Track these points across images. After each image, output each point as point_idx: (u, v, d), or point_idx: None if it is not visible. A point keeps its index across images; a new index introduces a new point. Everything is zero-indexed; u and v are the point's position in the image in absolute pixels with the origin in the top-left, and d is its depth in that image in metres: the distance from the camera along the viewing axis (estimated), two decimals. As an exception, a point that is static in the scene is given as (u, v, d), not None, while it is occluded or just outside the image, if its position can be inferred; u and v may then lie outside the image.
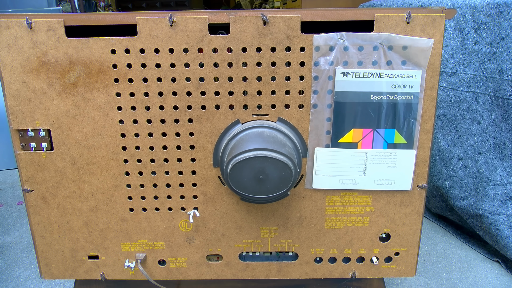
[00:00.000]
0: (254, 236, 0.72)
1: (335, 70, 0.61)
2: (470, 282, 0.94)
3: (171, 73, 0.62)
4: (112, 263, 0.74)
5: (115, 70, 0.62)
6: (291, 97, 0.63)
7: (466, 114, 1.01)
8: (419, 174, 0.67)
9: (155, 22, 0.60)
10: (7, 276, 0.96)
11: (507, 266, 0.98)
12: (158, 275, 0.75)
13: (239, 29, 0.60)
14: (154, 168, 0.67)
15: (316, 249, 0.73)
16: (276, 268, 0.74)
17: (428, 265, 1.00)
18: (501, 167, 0.97)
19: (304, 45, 0.60)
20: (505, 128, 0.94)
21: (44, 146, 0.66)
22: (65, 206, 0.69)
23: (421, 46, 0.60)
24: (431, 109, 0.64)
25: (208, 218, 0.71)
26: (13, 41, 0.60)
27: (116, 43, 0.61)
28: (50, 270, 0.74)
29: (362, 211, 0.70)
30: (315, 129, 0.65)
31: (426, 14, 0.59)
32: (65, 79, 0.62)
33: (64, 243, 0.72)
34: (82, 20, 0.60)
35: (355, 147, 0.65)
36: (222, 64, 0.61)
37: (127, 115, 0.64)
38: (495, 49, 0.92)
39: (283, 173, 0.59)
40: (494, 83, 0.93)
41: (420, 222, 0.71)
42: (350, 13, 0.60)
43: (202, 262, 0.74)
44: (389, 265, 0.74)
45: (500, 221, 0.96)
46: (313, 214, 0.70)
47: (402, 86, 0.62)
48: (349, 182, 0.68)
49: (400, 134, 0.64)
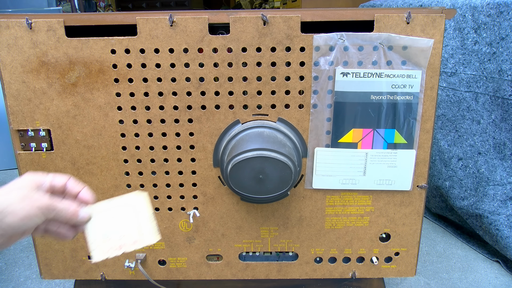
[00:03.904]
0: (254, 236, 0.72)
1: (335, 70, 0.61)
2: (470, 282, 0.94)
3: (171, 73, 0.62)
4: (112, 263, 0.74)
5: (115, 70, 0.62)
6: (291, 97, 0.63)
7: (466, 114, 1.01)
8: (419, 174, 0.67)
9: (155, 22, 0.60)
10: (7, 276, 0.96)
11: (507, 266, 0.98)
12: (158, 275, 0.75)
13: (239, 29, 0.60)
14: (154, 168, 0.67)
15: (316, 249, 0.73)
16: (276, 268, 0.74)
17: (428, 265, 1.00)
18: (501, 167, 0.97)
19: (304, 45, 0.60)
20: (505, 128, 0.94)
21: (44, 146, 0.66)
22: (65, 206, 0.69)
23: (421, 46, 0.60)
24: (431, 109, 0.64)
25: (208, 218, 0.71)
26: (13, 41, 0.60)
27: (116, 43, 0.61)
28: (50, 270, 0.74)
29: (362, 211, 0.70)
30: (315, 129, 0.65)
31: (426, 14, 0.59)
32: (65, 79, 0.62)
33: (64, 243, 0.72)
34: (82, 20, 0.60)
35: (355, 147, 0.65)
36: (222, 64, 0.61)
37: (127, 115, 0.64)
38: (495, 49, 0.92)
39: (283, 173, 0.59)
40: (494, 83, 0.93)
41: (420, 222, 0.71)
42: (350, 13, 0.60)
43: (202, 262, 0.74)
44: (389, 265, 0.74)
45: (500, 221, 0.96)
46: (313, 214, 0.70)
47: (402, 86, 0.62)
48: (349, 182, 0.68)
49: (400, 134, 0.64)
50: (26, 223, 0.40)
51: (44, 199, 0.41)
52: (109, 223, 0.46)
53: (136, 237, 0.47)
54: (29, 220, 0.40)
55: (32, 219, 0.40)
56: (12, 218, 0.39)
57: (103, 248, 0.45)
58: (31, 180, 0.43)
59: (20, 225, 0.39)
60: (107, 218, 0.47)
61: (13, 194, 0.40)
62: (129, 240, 0.46)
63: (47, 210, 0.41)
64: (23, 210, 0.39)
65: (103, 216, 0.46)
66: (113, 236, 0.46)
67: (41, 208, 0.41)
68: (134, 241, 0.46)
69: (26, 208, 0.40)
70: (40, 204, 0.41)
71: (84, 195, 0.46)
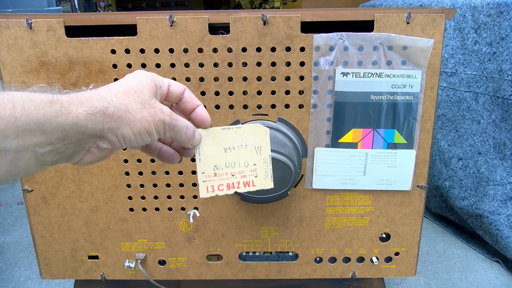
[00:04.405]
0: (254, 236, 0.72)
1: (335, 70, 0.61)
2: (470, 282, 0.93)
3: (171, 73, 0.62)
4: (112, 263, 0.74)
5: (115, 70, 0.62)
6: (291, 97, 0.63)
7: (466, 114, 1.01)
8: (419, 174, 0.67)
9: (155, 22, 0.60)
10: (7, 276, 0.96)
11: (507, 266, 0.98)
12: (158, 275, 0.75)
13: (239, 29, 0.60)
14: (154, 168, 0.67)
15: (316, 249, 0.73)
16: (276, 268, 0.74)
17: (428, 265, 1.00)
18: (501, 167, 0.97)
19: (304, 45, 0.60)
20: (505, 128, 0.94)
21: (44, 146, 0.66)
22: (65, 206, 0.69)
23: (421, 46, 0.60)
24: (431, 109, 0.64)
25: (208, 218, 0.71)
26: (13, 41, 0.60)
27: (116, 43, 0.61)
28: (50, 270, 0.74)
29: (362, 211, 0.70)
30: (315, 129, 0.65)
31: (426, 14, 0.59)
32: (65, 79, 0.62)
33: (64, 243, 0.72)
34: (82, 20, 0.60)
35: (355, 147, 0.65)
36: (222, 64, 0.61)
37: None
38: (495, 49, 0.92)
39: (283, 173, 0.59)
40: (494, 83, 0.93)
41: (420, 222, 0.71)
42: (350, 13, 0.60)
43: (202, 262, 0.74)
44: (389, 265, 0.74)
45: (500, 221, 0.96)
46: (313, 214, 0.70)
47: (402, 86, 0.62)
48: (349, 182, 0.68)
49: (400, 134, 0.64)
50: (138, 140, 0.33)
51: (166, 112, 0.34)
52: (222, 155, 0.41)
53: (250, 178, 0.41)
54: (144, 136, 0.33)
55: (147, 135, 0.33)
56: (127, 131, 0.32)
57: (213, 182, 0.40)
58: (150, 80, 0.35)
59: (131, 140, 0.32)
60: (221, 148, 0.41)
61: (132, 98, 0.32)
62: (242, 179, 0.41)
63: (167, 127, 0.34)
64: (141, 124, 0.32)
65: (217, 143, 0.40)
66: (225, 171, 0.41)
67: (162, 123, 0.33)
68: (248, 182, 0.41)
69: (144, 122, 0.32)
70: (160, 118, 0.33)
71: (201, 113, 0.39)
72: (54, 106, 0.28)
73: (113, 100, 0.32)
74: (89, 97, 0.31)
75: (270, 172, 0.42)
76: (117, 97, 0.32)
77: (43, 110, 0.28)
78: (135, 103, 0.32)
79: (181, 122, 0.35)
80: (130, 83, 0.34)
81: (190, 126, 0.37)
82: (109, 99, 0.31)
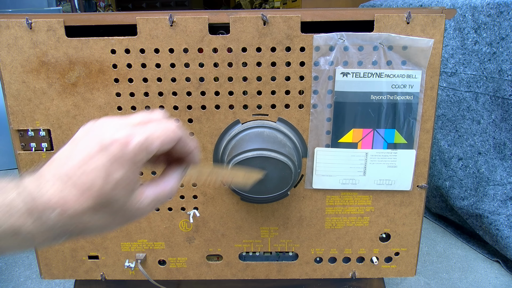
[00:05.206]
0: (254, 236, 0.72)
1: (335, 70, 0.61)
2: (470, 282, 0.93)
3: (171, 73, 0.62)
4: (112, 263, 0.74)
5: (115, 70, 0.62)
6: (291, 97, 0.63)
7: (466, 114, 1.01)
8: (419, 174, 0.67)
9: (155, 22, 0.60)
10: (7, 276, 0.96)
11: (507, 266, 0.98)
12: (158, 275, 0.75)
13: (239, 29, 0.60)
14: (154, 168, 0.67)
15: (316, 249, 0.73)
16: (276, 268, 0.74)
17: (428, 265, 1.00)
18: (501, 167, 0.97)
19: (304, 45, 0.60)
20: (505, 128, 0.94)
21: (44, 146, 0.66)
22: (65, 206, 0.69)
23: (421, 46, 0.60)
24: (431, 109, 0.64)
25: (208, 218, 0.71)
26: (13, 41, 0.60)
27: (116, 43, 0.61)
28: (50, 270, 0.74)
29: (362, 211, 0.70)
30: (315, 129, 0.65)
31: (426, 14, 0.59)
32: (65, 79, 0.62)
33: (64, 243, 0.72)
34: (82, 20, 0.60)
35: (355, 147, 0.65)
36: (222, 64, 0.61)
37: (127, 115, 0.64)
38: (495, 49, 0.92)
39: (283, 173, 0.59)
40: (494, 83, 0.93)
41: (420, 222, 0.71)
42: (350, 13, 0.60)
43: (202, 262, 0.74)
44: (389, 265, 0.74)
45: (500, 221, 0.96)
46: (313, 214, 0.70)
47: (402, 86, 0.62)
48: (349, 182, 0.68)
49: (400, 134, 0.64)
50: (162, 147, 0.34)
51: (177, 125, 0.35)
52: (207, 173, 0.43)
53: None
54: (167, 144, 0.34)
55: (169, 143, 0.34)
56: (156, 142, 0.33)
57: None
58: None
59: (158, 148, 0.33)
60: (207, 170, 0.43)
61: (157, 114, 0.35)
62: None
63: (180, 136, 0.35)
64: (164, 133, 0.33)
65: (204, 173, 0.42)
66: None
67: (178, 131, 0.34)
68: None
69: (167, 131, 0.34)
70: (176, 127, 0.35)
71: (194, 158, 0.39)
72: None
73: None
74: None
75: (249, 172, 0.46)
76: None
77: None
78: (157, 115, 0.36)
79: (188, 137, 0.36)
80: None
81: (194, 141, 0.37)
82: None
